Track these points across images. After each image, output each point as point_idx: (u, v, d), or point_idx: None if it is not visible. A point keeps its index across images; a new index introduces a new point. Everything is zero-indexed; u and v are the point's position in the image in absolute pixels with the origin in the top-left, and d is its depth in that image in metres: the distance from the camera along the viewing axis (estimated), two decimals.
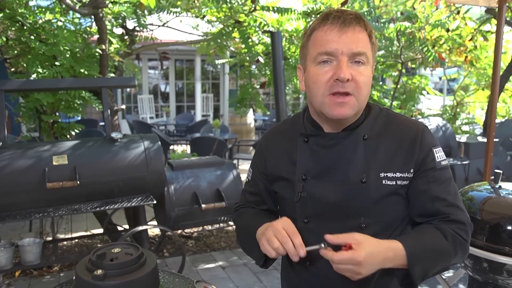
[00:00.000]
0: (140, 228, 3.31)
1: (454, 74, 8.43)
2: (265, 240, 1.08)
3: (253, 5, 4.25)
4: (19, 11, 3.51)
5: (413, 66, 6.45)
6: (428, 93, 7.01)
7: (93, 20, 3.76)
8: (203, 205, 3.57)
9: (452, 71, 8.63)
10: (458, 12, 5.19)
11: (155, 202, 3.25)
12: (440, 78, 12.85)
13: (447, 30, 5.03)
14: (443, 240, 1.11)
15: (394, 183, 1.14)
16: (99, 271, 0.88)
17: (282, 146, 1.26)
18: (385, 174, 1.14)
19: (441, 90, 13.34)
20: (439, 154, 1.18)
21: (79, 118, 8.94)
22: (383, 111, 1.23)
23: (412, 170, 1.15)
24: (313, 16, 4.33)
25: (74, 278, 0.95)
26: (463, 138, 4.71)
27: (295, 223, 1.20)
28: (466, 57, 5.95)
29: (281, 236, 1.07)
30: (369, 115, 1.19)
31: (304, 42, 1.17)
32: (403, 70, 5.94)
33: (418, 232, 1.14)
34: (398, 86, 6.41)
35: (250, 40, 4.32)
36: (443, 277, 2.45)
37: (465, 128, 7.12)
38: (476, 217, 2.08)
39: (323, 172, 1.17)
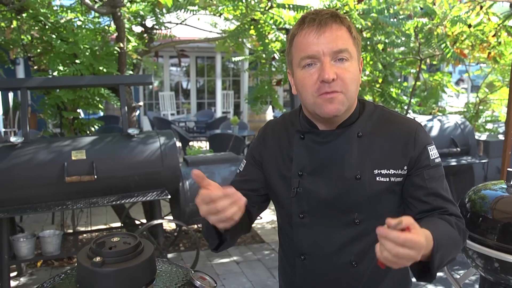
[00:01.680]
0: (155, 222, 3.38)
1: (477, 71, 8.23)
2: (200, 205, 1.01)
3: (269, 3, 4.26)
4: (42, 11, 3.63)
5: (434, 62, 6.33)
6: (451, 90, 6.87)
7: (111, 19, 3.85)
8: None
9: (475, 67, 8.42)
10: (481, 7, 5.07)
11: (169, 197, 3.32)
12: (461, 75, 12.55)
13: (469, 26, 4.92)
14: (453, 229, 1.11)
15: (387, 179, 1.16)
16: (98, 258, 0.93)
17: (278, 142, 1.28)
18: (379, 171, 1.15)
19: (466, 88, 13.03)
20: (433, 152, 1.19)
21: (102, 114, 9.15)
22: (378, 108, 1.24)
23: (405, 167, 1.16)
24: None
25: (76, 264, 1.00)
26: (483, 136, 4.61)
27: (290, 218, 1.23)
28: (489, 53, 5.80)
29: (205, 195, 0.99)
30: (363, 113, 1.21)
31: (288, 49, 1.19)
32: (424, 67, 5.85)
33: (431, 222, 1.08)
34: (419, 83, 6.32)
35: (266, 37, 4.34)
36: (454, 276, 2.43)
37: (489, 126, 6.95)
38: (487, 216, 2.05)
39: (318, 168, 1.19)
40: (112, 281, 0.94)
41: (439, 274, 1.09)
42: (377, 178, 1.15)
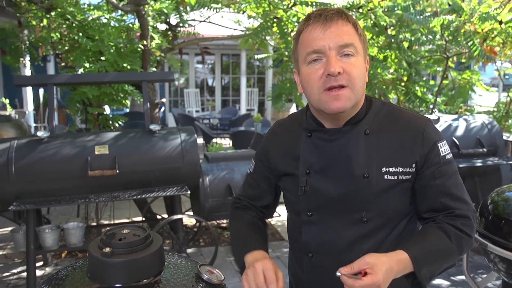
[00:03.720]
0: (175, 217, 3.43)
1: (509, 69, 7.96)
2: (245, 280, 1.12)
3: (293, 0, 4.25)
4: (69, 9, 3.73)
5: (463, 61, 6.16)
6: (481, 89, 6.67)
7: (136, 17, 3.92)
8: None
9: (507, 65, 8.15)
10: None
11: (189, 192, 3.36)
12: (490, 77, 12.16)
13: (500, 23, 4.76)
14: (447, 241, 1.13)
15: (396, 177, 1.15)
16: (107, 249, 0.96)
17: (286, 141, 1.29)
18: (387, 169, 1.14)
19: (498, 86, 12.62)
20: (443, 148, 1.17)
21: (128, 110, 9.33)
22: (386, 105, 1.23)
23: (414, 165, 1.15)
24: (354, 10, 4.27)
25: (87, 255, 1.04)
26: (511, 137, 4.47)
27: (299, 216, 1.24)
28: None
29: (258, 281, 1.10)
30: (371, 110, 1.20)
31: (294, 47, 1.20)
32: (452, 65, 5.69)
33: (422, 236, 1.16)
34: (446, 82, 6.16)
35: (288, 35, 4.33)
36: (476, 280, 2.37)
37: None
38: (510, 218, 2.00)
39: (326, 166, 1.19)
40: (121, 271, 0.96)
41: (460, 277, 1.16)
42: (385, 176, 1.14)
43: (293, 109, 10.44)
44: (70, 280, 1.04)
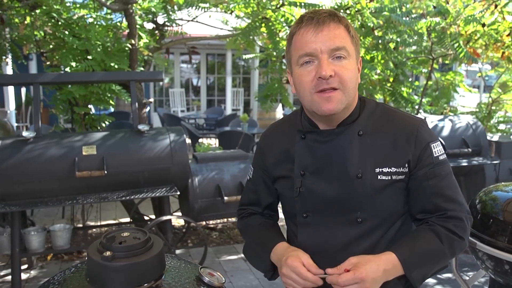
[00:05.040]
0: (164, 218, 3.40)
1: (490, 71, 8.13)
2: (286, 278, 1.14)
3: (281, 1, 4.25)
4: (55, 7, 3.66)
5: (447, 62, 6.27)
6: (463, 90, 6.80)
7: (123, 15, 3.88)
8: (225, 198, 3.64)
9: (488, 67, 8.33)
10: (496, 6, 5.00)
11: (179, 193, 3.34)
12: (477, 75, 12.42)
13: (483, 25, 4.86)
14: (438, 243, 1.14)
15: (389, 178, 1.16)
16: (108, 253, 0.94)
17: (280, 143, 1.29)
18: (380, 169, 1.16)
19: (479, 87, 12.88)
20: (436, 149, 1.18)
21: (113, 110, 9.21)
22: (379, 106, 1.24)
23: (407, 165, 1.16)
24: (342, 11, 4.30)
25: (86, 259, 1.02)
26: (495, 137, 4.56)
27: (294, 217, 1.24)
28: (503, 53, 5.72)
29: (299, 272, 1.13)
30: (364, 111, 1.21)
31: (287, 48, 1.20)
32: (436, 66, 5.78)
33: (413, 239, 1.18)
34: (431, 83, 6.25)
35: (277, 35, 4.33)
36: (464, 278, 2.41)
37: (502, 126, 6.86)
38: (498, 217, 2.03)
39: (320, 167, 1.20)
40: (122, 276, 0.95)
41: (447, 275, 1.16)
42: (379, 177, 1.15)
43: (279, 109, 10.46)
44: (68, 285, 1.02)
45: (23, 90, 8.17)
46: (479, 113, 6.87)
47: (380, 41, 4.38)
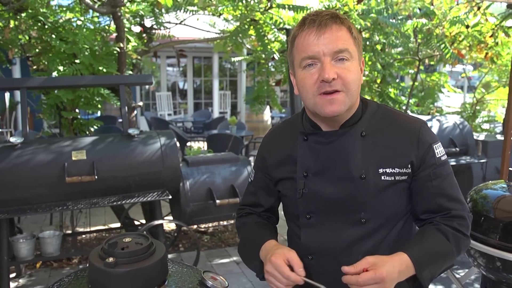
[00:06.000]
0: (156, 222, 3.37)
1: (473, 71, 8.28)
2: (270, 276, 1.15)
3: (269, 3, 4.27)
4: (41, 10, 3.61)
5: (432, 63, 6.37)
6: (448, 90, 6.91)
7: (111, 18, 3.84)
8: (217, 201, 3.62)
9: (470, 68, 8.48)
10: (479, 8, 5.10)
11: (170, 197, 3.31)
12: (460, 75, 12.63)
13: (467, 27, 4.95)
14: (445, 242, 1.16)
15: (392, 178, 1.17)
16: (111, 259, 0.93)
17: (282, 146, 1.30)
18: (384, 170, 1.16)
19: (462, 88, 13.10)
20: (438, 150, 1.20)
21: (99, 114, 9.11)
22: (381, 107, 1.25)
23: (409, 166, 1.17)
24: None
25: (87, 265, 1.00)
26: (481, 136, 4.64)
27: (297, 219, 1.24)
28: (487, 53, 5.83)
29: (281, 271, 1.12)
30: (366, 112, 1.21)
31: (289, 50, 1.21)
32: (421, 67, 5.87)
33: (421, 238, 1.18)
34: (416, 84, 6.34)
35: (265, 37, 4.35)
36: (456, 276, 2.44)
37: (486, 126, 7.00)
38: (489, 215, 2.07)
39: (323, 169, 1.20)
40: (125, 282, 0.93)
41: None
42: (382, 177, 1.16)
43: (267, 111, 10.47)
44: None
45: (7, 95, 8.02)
46: (464, 113, 6.99)
47: (368, 43, 4.43)
